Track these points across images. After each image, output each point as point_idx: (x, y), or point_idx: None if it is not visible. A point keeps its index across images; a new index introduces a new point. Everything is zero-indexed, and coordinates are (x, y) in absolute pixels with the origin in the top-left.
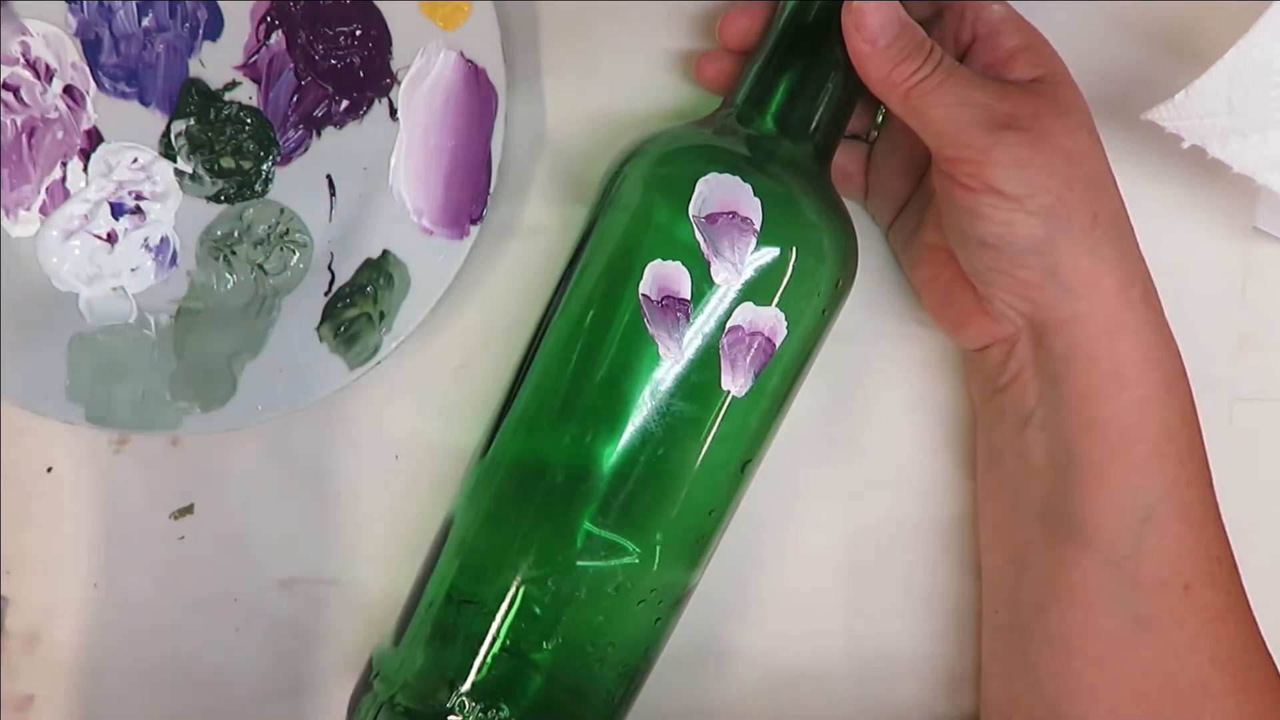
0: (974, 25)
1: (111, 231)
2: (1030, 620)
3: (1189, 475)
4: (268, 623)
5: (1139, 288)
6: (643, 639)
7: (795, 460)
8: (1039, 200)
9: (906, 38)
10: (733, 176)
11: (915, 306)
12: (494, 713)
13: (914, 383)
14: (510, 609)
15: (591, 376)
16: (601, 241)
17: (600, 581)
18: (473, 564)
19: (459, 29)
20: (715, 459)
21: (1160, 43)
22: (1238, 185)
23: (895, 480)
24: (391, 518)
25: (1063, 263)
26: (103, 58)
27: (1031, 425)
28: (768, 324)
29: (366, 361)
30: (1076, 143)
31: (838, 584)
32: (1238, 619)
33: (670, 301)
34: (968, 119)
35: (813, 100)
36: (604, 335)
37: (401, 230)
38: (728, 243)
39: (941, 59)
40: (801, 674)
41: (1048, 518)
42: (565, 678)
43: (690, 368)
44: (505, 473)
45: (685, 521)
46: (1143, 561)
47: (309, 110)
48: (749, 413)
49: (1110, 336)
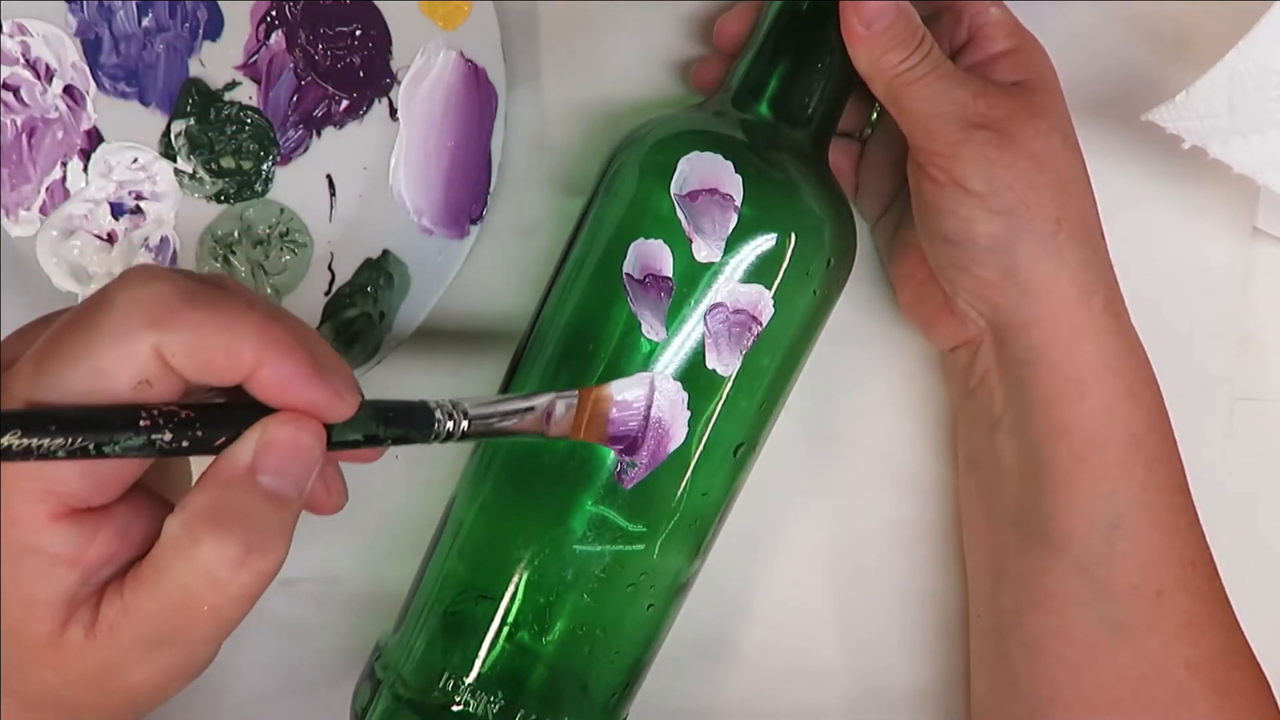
0: (969, 25)
1: (111, 231)
2: (1009, 625)
3: (1158, 481)
4: (268, 623)
5: (1101, 296)
6: (644, 626)
7: (789, 460)
8: (1002, 199)
9: (901, 25)
10: (714, 154)
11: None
12: (495, 701)
13: (911, 382)
14: (511, 596)
15: (587, 358)
16: (597, 227)
17: (599, 567)
18: (473, 550)
19: (459, 29)
20: (708, 441)
21: (1160, 43)
22: (1238, 185)
23: (890, 480)
24: (391, 518)
25: (1021, 264)
26: (103, 58)
27: (1001, 430)
28: (751, 302)
29: (366, 361)
30: (1047, 146)
31: (832, 584)
32: (1215, 623)
33: (652, 280)
34: (943, 113)
35: (808, 84)
36: (600, 318)
37: (401, 230)
38: (708, 220)
39: (930, 51)
40: (797, 673)
41: (1020, 524)
42: (566, 665)
43: (677, 348)
44: (505, 458)
45: (683, 506)
46: (1114, 568)
47: (309, 110)
48: (738, 394)
49: (1070, 343)
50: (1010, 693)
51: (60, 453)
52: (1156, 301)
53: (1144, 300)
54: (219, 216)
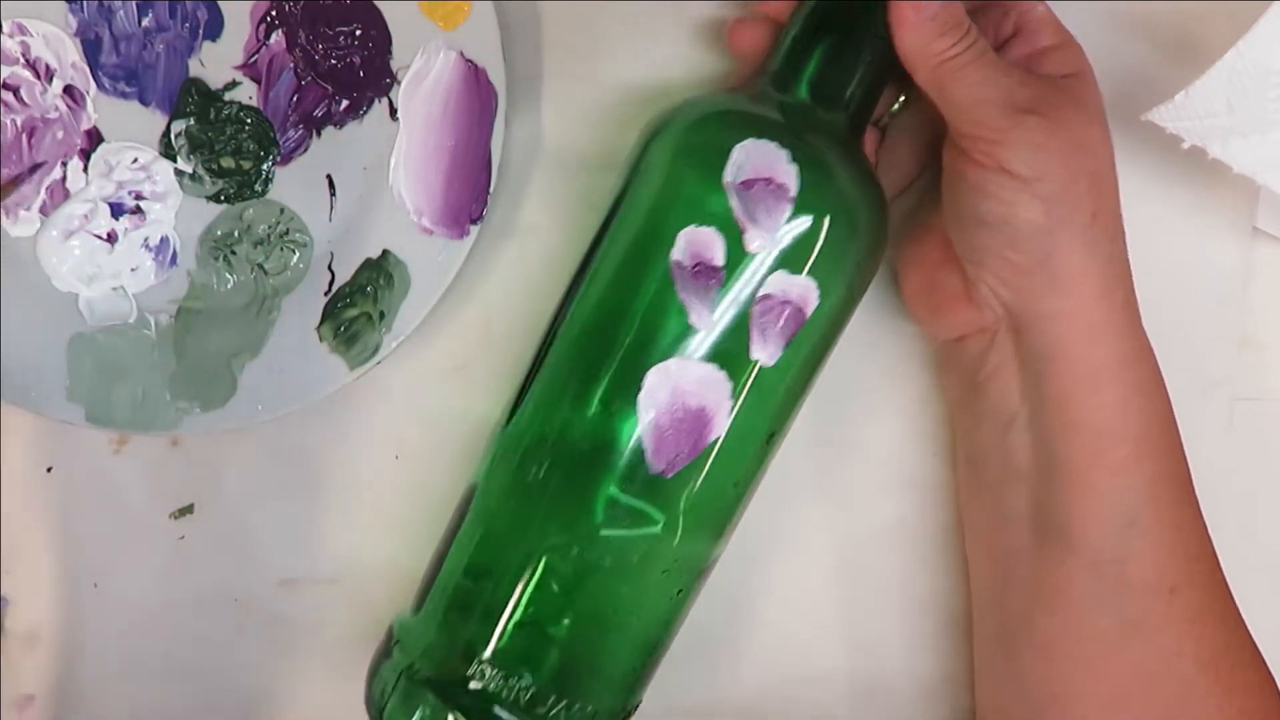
0: (1015, 21)
1: (111, 231)
2: (1017, 628)
3: (1168, 478)
4: (268, 623)
5: (1121, 292)
6: (664, 610)
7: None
8: (1046, 186)
9: (948, 13)
10: (769, 142)
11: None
12: (515, 681)
13: (911, 383)
14: (532, 578)
15: (618, 345)
16: (632, 209)
17: (624, 551)
18: (495, 533)
19: (459, 29)
20: (741, 429)
21: (1160, 43)
22: (1238, 185)
23: (892, 481)
24: (391, 518)
25: (1057, 253)
26: (103, 58)
27: (1016, 427)
28: (799, 293)
29: (366, 361)
30: (1090, 137)
31: (834, 585)
32: (1221, 619)
33: (703, 268)
34: (990, 99)
35: (850, 68)
36: (632, 303)
37: (401, 230)
38: (763, 210)
39: (976, 40)
40: (799, 674)
41: (1033, 523)
42: (586, 648)
43: (719, 336)
44: (529, 441)
45: (709, 492)
46: (1128, 565)
47: (309, 110)
48: (776, 383)
49: (1089, 337)
50: (1017, 697)
51: None
52: (1156, 301)
53: (1144, 300)
54: (219, 216)
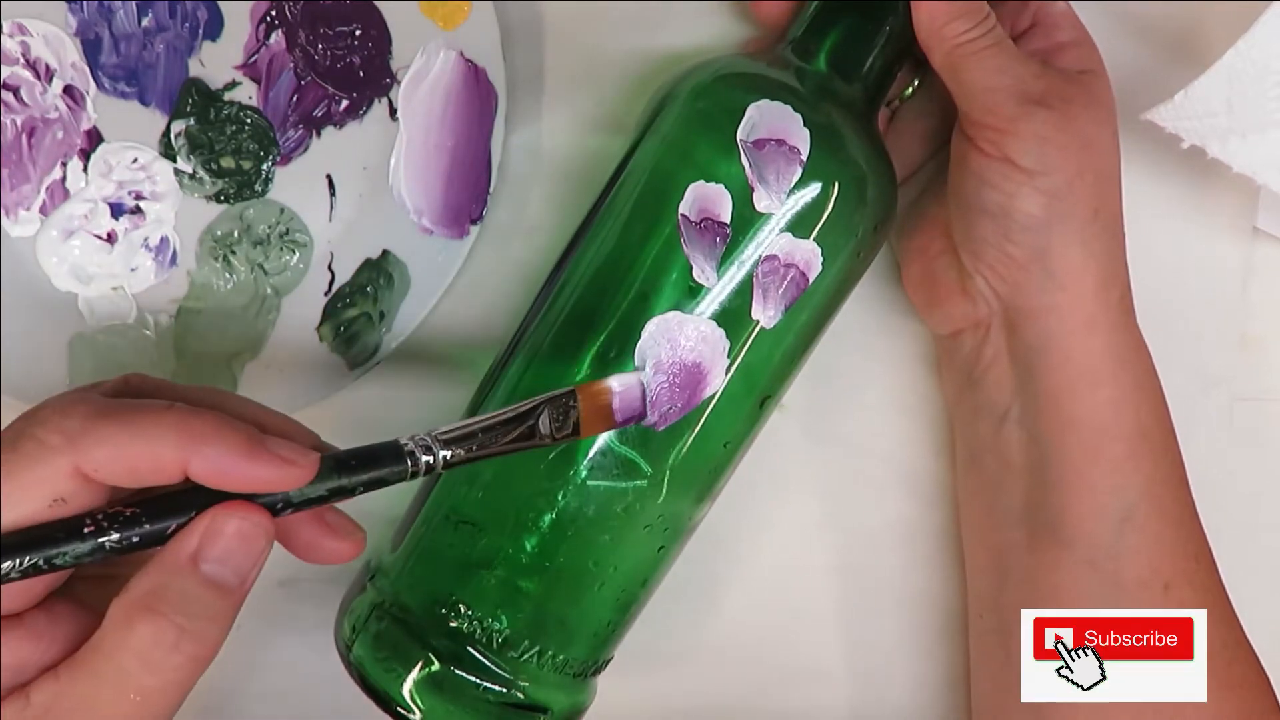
0: (1034, 14)
1: (111, 231)
2: (1013, 624)
3: (1164, 474)
4: (268, 623)
5: (1118, 290)
6: (644, 566)
7: (789, 460)
8: (1049, 180)
9: None
10: (784, 105)
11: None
12: (489, 624)
13: (911, 382)
14: (515, 523)
15: (621, 297)
16: (641, 163)
17: (608, 501)
18: (479, 476)
19: (459, 29)
20: (736, 389)
21: (1160, 43)
22: (1238, 185)
23: (890, 480)
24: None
25: (1053, 247)
26: (103, 58)
27: (1009, 422)
28: (804, 257)
29: (366, 361)
30: (1099, 134)
31: (832, 584)
32: (1216, 616)
33: (709, 224)
34: (1002, 87)
35: (870, 42)
36: (637, 256)
37: (401, 230)
38: (773, 170)
39: (994, 27)
40: (797, 674)
41: (1028, 520)
42: (563, 596)
43: (721, 294)
44: (523, 390)
45: (700, 449)
46: (1123, 561)
47: (309, 110)
48: (774, 346)
49: (1084, 333)
50: (1013, 692)
51: (15, 575)
52: (1157, 301)
53: (1144, 300)
54: (219, 216)
